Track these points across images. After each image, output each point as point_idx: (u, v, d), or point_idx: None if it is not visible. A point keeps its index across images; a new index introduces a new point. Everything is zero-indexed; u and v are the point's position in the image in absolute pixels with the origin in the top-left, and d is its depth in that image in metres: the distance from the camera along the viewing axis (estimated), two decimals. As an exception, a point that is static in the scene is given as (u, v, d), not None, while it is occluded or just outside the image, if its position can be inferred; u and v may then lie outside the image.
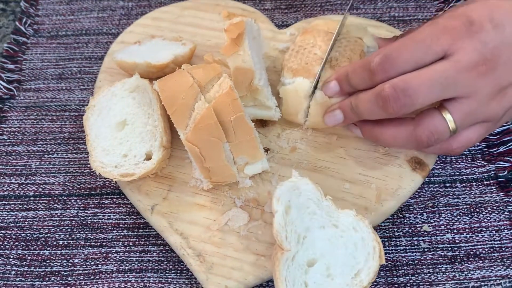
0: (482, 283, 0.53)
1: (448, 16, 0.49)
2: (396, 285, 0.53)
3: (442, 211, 0.57)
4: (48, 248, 0.58)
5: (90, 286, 0.55)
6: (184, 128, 0.52)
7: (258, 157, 0.54)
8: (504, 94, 0.48)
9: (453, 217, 0.57)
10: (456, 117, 0.48)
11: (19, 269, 0.56)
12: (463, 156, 0.61)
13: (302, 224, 0.50)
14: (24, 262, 0.57)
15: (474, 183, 0.59)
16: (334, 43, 0.58)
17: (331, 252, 0.49)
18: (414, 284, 0.53)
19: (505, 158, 0.60)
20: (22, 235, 0.59)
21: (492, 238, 0.55)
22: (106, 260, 0.56)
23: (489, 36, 0.46)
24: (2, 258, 0.57)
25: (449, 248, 0.55)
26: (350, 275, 0.48)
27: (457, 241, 0.56)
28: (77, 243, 0.58)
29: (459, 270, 0.54)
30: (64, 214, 0.60)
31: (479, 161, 0.60)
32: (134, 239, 0.58)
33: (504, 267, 0.54)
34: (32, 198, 0.61)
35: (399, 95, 0.47)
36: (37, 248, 0.58)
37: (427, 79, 0.47)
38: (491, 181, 0.59)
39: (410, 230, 0.57)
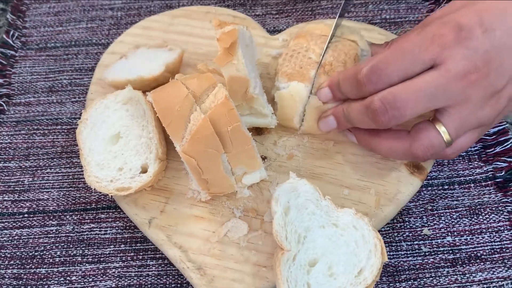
0: (485, 285, 0.53)
1: (437, 23, 0.48)
2: (399, 291, 0.53)
3: (442, 214, 0.57)
4: (45, 266, 0.57)
5: (89, 303, 0.54)
6: (180, 140, 0.51)
7: (256, 166, 0.53)
8: (498, 98, 0.47)
9: (452, 220, 0.57)
10: (450, 129, 0.48)
11: None
12: (460, 158, 0.61)
13: (302, 224, 0.50)
14: (20, 282, 0.56)
15: (472, 185, 0.59)
16: (328, 46, 0.58)
17: (332, 251, 0.49)
18: (416, 288, 0.53)
19: (502, 158, 0.60)
20: (17, 253, 0.57)
21: (492, 240, 0.55)
22: (104, 276, 0.56)
23: (479, 42, 0.45)
24: (-2, 278, 0.56)
25: (450, 251, 0.55)
26: (352, 274, 0.48)
27: (457, 243, 0.56)
28: (74, 259, 0.57)
29: (461, 273, 0.54)
30: (60, 230, 0.59)
31: (476, 162, 0.60)
32: (132, 254, 0.57)
33: (506, 268, 0.54)
34: (26, 215, 0.60)
35: (387, 108, 0.47)
36: (33, 267, 0.57)
37: (415, 91, 0.46)
38: (489, 182, 0.59)
39: (410, 234, 0.56)
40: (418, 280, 0.54)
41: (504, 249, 0.55)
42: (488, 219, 0.57)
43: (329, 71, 0.56)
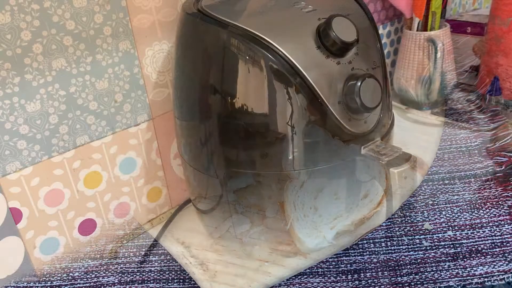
0: (486, 279, 0.53)
1: None
2: (400, 285, 0.53)
3: (443, 209, 0.58)
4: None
5: (92, 299, 0.54)
6: None
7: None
8: None
9: (453, 214, 0.57)
10: None
11: (18, 285, 0.55)
12: (461, 153, 0.61)
13: None
14: (23, 278, 0.56)
15: (472, 179, 0.59)
16: None
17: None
18: (418, 282, 0.53)
19: (502, 153, 0.60)
20: (20, 250, 0.58)
21: (493, 234, 0.56)
22: (107, 272, 0.56)
23: None
24: None
25: (451, 245, 0.55)
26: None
27: (458, 237, 0.56)
28: (76, 255, 0.57)
29: (462, 267, 0.54)
30: (62, 227, 0.59)
31: (476, 157, 0.61)
32: (135, 250, 0.57)
33: (506, 262, 0.54)
34: (28, 212, 0.60)
35: None
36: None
37: None
38: (489, 177, 0.59)
39: (411, 229, 0.57)
40: (420, 274, 0.54)
41: (504, 243, 0.55)
42: (488, 214, 0.57)
43: None
